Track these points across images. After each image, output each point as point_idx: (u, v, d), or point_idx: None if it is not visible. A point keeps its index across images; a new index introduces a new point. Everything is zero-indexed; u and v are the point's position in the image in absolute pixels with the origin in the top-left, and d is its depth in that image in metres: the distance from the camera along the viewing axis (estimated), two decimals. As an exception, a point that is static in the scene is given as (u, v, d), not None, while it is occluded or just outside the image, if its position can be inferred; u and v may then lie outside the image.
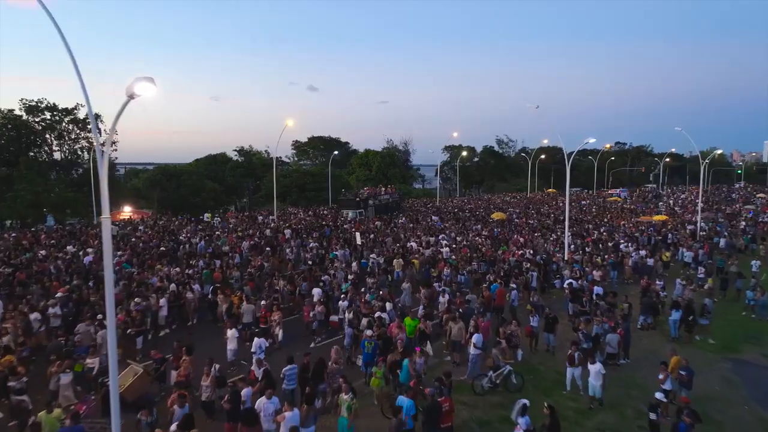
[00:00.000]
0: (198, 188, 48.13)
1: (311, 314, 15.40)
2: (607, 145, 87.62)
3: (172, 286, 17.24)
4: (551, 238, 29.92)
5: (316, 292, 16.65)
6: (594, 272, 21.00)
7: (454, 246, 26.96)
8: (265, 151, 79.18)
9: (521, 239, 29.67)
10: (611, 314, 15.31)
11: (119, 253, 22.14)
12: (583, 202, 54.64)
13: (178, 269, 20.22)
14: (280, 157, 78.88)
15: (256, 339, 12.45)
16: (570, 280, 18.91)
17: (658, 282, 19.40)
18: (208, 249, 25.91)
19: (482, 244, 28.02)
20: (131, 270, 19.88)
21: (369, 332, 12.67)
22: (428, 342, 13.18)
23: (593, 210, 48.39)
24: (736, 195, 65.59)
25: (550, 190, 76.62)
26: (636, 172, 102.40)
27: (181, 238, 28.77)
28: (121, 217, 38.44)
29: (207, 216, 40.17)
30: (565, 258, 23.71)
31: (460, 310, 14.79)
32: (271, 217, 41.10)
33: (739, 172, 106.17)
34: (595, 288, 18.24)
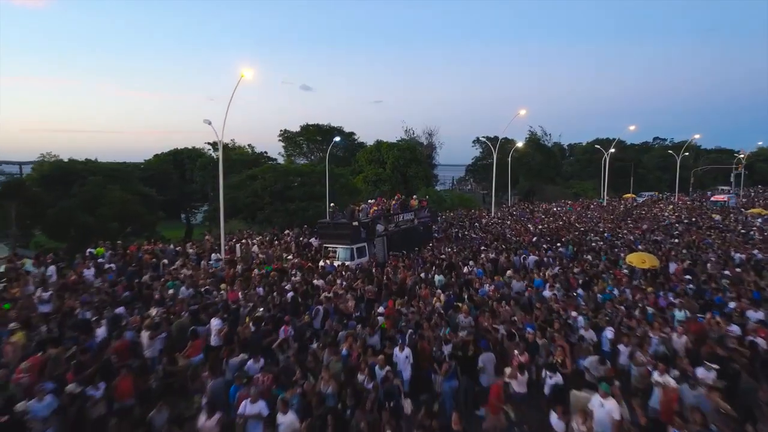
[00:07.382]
0: (97, 199, 27.84)
1: None
2: (698, 135, 68.23)
3: None
4: None
5: None
6: None
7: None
8: (249, 145, 59.92)
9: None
10: None
11: None
12: (717, 218, 34.92)
13: None
14: (266, 152, 59.47)
15: None
16: None
17: None
18: None
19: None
20: None
21: None
22: None
23: (736, 228, 29.11)
24: None
25: (628, 195, 57.34)
26: (701, 172, 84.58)
27: None
28: None
29: (94, 251, 21.24)
30: None
31: None
32: (215, 256, 21.96)
33: None
34: None
